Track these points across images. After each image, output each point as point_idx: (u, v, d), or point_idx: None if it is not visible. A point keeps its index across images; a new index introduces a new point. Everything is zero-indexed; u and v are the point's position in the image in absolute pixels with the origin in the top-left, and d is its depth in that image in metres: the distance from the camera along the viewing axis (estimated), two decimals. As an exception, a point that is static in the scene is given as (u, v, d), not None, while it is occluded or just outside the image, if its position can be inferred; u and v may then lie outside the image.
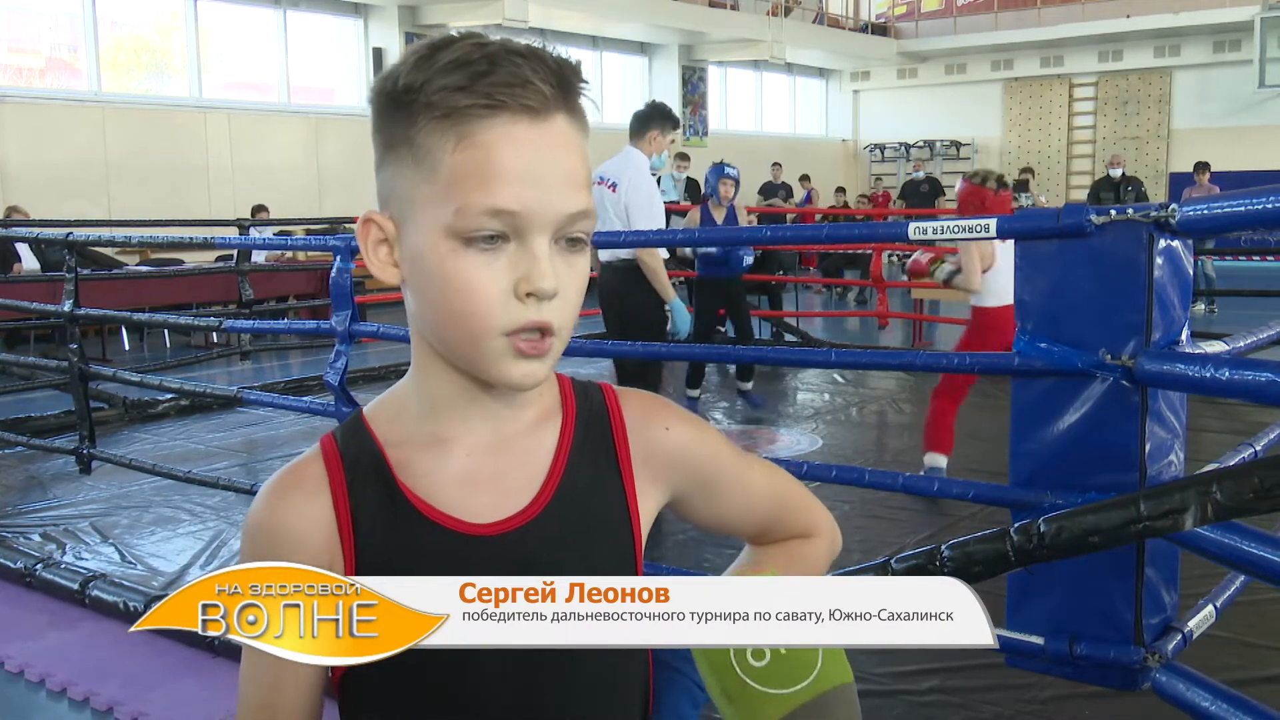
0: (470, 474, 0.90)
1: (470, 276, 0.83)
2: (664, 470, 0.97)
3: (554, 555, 0.90)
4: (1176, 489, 1.71)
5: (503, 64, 0.82)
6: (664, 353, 5.39)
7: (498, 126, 0.82)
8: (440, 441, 0.91)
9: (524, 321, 0.83)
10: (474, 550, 0.88)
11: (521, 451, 0.92)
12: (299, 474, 0.92)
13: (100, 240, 8.34)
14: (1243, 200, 1.93)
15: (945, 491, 2.68)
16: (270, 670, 0.90)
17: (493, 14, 13.64)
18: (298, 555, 0.88)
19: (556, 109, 0.84)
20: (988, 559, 1.86)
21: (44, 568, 3.90)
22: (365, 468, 0.91)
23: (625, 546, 0.94)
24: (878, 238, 6.80)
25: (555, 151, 0.84)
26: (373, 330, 3.87)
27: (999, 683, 2.90)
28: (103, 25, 12.50)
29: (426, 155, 0.83)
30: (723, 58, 19.38)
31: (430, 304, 0.86)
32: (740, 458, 1.03)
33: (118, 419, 6.72)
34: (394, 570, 0.86)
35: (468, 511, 0.89)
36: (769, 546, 1.07)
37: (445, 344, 0.87)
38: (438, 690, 0.89)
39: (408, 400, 0.93)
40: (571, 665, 0.90)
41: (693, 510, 1.02)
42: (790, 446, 5.99)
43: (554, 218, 0.83)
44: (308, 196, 13.30)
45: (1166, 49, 19.57)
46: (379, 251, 0.89)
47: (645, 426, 0.97)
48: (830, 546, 1.09)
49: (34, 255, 9.53)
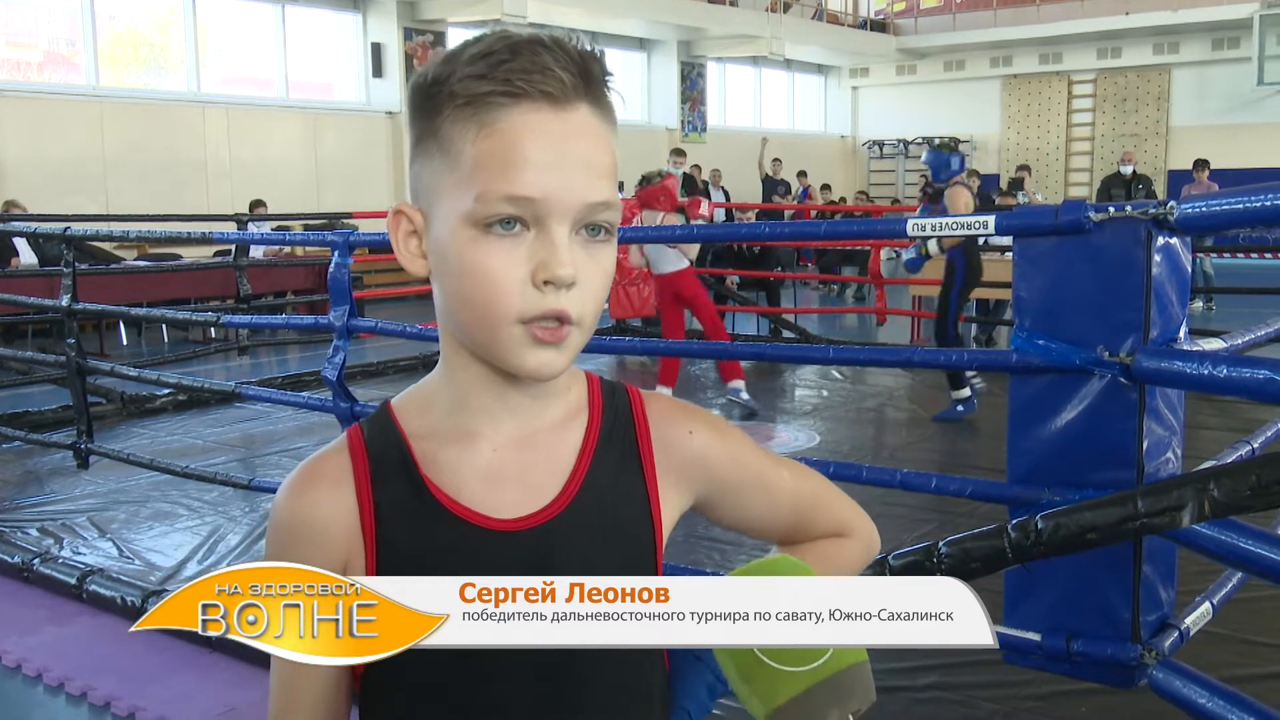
0: (495, 469, 0.90)
1: (488, 263, 0.83)
2: (686, 474, 0.97)
3: (575, 553, 0.90)
4: (1174, 486, 1.71)
5: (524, 52, 0.83)
6: (664, 349, 5.40)
7: (518, 114, 0.82)
8: (466, 436, 0.91)
9: (542, 310, 0.83)
10: (497, 546, 0.89)
11: (547, 448, 0.92)
12: (323, 466, 0.92)
13: (98, 235, 8.39)
14: (1241, 198, 1.93)
15: (943, 488, 2.68)
16: (286, 671, 0.90)
17: (491, 9, 13.62)
18: (319, 548, 0.89)
19: (579, 98, 0.84)
20: (985, 556, 1.86)
21: (41, 562, 3.90)
22: (390, 461, 0.91)
23: (646, 547, 0.94)
24: (876, 234, 6.82)
25: (577, 140, 0.84)
26: (371, 325, 3.87)
27: (996, 679, 2.91)
28: (101, 19, 12.47)
29: (450, 145, 0.84)
30: (721, 54, 19.36)
31: (451, 293, 0.86)
32: (766, 460, 1.03)
33: (115, 414, 6.71)
34: (416, 564, 0.87)
35: (491, 507, 0.89)
36: (799, 546, 1.06)
37: (466, 333, 0.87)
38: (455, 693, 0.89)
39: (435, 393, 0.93)
40: (589, 667, 0.90)
41: (718, 513, 1.02)
42: (788, 443, 5.99)
43: (574, 205, 0.83)
44: (306, 192, 13.28)
45: (1165, 46, 19.56)
46: (409, 243, 0.90)
47: (668, 430, 0.97)
48: (865, 548, 1.08)
49: (32, 250, 9.52)
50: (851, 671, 0.80)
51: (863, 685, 0.81)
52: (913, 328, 9.40)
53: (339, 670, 0.90)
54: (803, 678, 0.79)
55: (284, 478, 0.95)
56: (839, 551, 1.06)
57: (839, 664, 0.80)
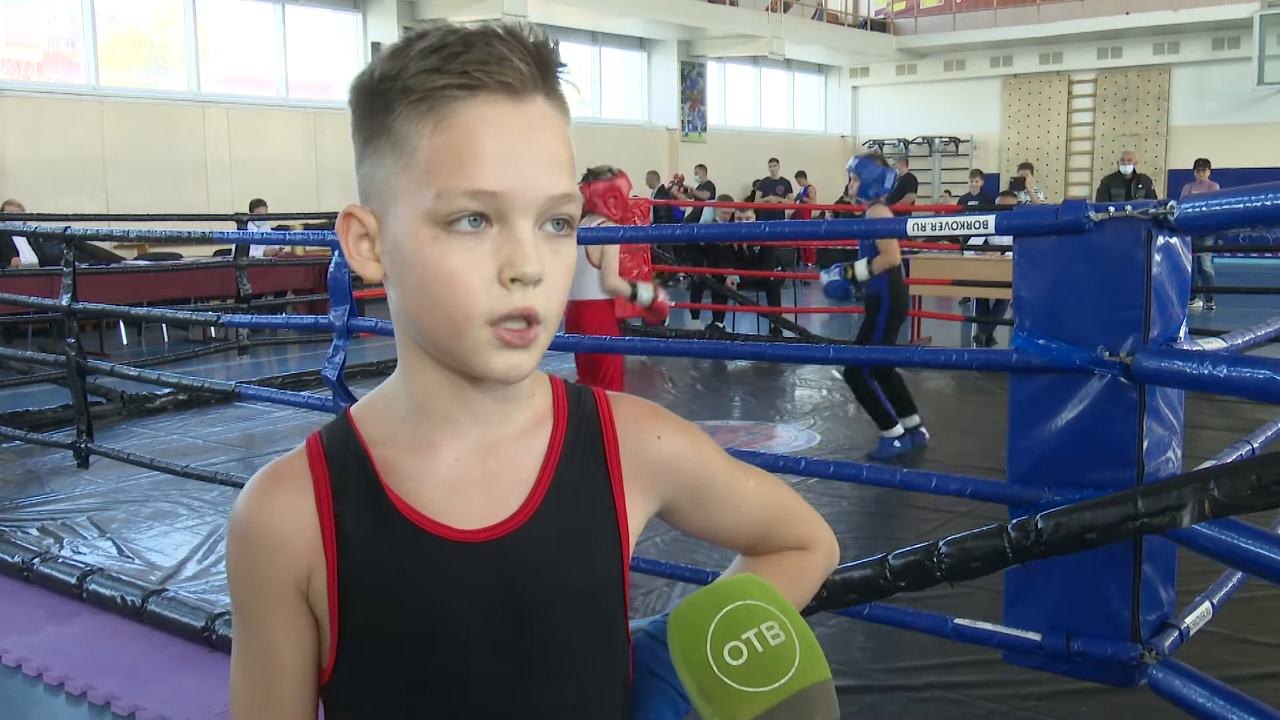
0: (458, 478, 0.88)
1: (452, 263, 0.80)
2: (654, 479, 0.96)
3: (540, 562, 0.88)
4: (1174, 486, 1.71)
5: (478, 44, 0.80)
6: (662, 348, 5.40)
7: (475, 107, 0.80)
8: (428, 444, 0.88)
9: (509, 308, 0.80)
10: (459, 557, 0.86)
11: (510, 456, 0.89)
12: (282, 473, 0.89)
13: (98, 235, 8.38)
14: (1241, 197, 1.93)
15: (943, 488, 2.68)
16: (261, 672, 0.89)
17: (492, 8, 13.61)
18: (282, 557, 0.87)
19: (535, 89, 0.82)
20: (985, 555, 1.86)
21: (41, 562, 3.90)
22: (350, 470, 0.88)
23: (612, 555, 0.92)
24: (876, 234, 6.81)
25: (536, 132, 0.81)
26: (371, 325, 3.86)
27: (996, 679, 2.91)
28: (101, 19, 12.47)
29: (404, 142, 0.81)
30: (722, 53, 19.36)
31: (412, 295, 0.83)
32: (734, 468, 1.01)
33: (115, 414, 6.72)
34: (377, 575, 0.86)
35: (454, 517, 0.87)
36: (763, 558, 1.05)
37: (428, 337, 0.84)
38: (419, 698, 0.87)
39: (395, 399, 0.90)
40: (554, 679, 0.89)
41: (684, 520, 1.00)
42: (788, 442, 5.98)
43: (537, 199, 0.81)
44: (306, 191, 13.28)
45: (1165, 46, 19.55)
46: (360, 246, 0.86)
47: (636, 434, 0.95)
48: (826, 560, 1.08)
49: (32, 249, 9.52)
50: (815, 690, 0.80)
51: (826, 703, 0.80)
52: (913, 327, 9.41)
53: (312, 671, 0.90)
54: (765, 697, 0.79)
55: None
56: (802, 563, 1.05)
57: (802, 682, 0.79)
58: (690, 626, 0.83)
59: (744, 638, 0.81)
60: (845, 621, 3.18)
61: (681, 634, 0.84)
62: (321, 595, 0.87)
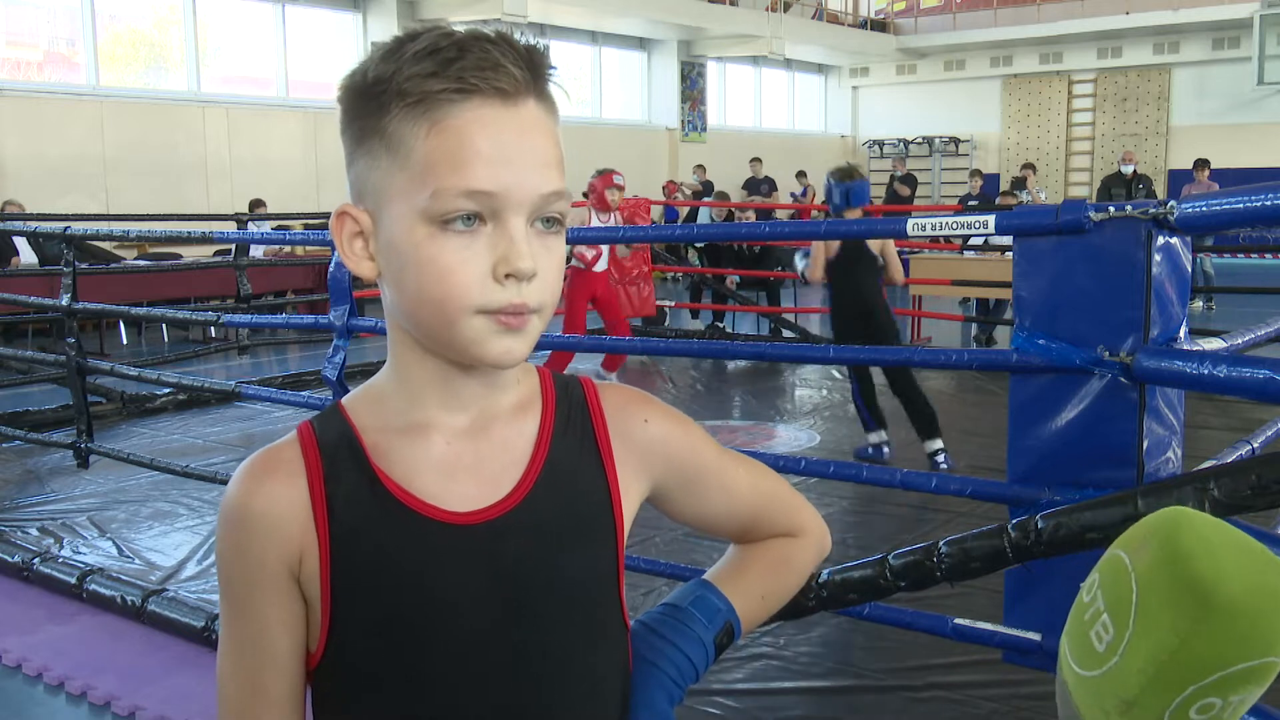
0: (450, 461, 0.89)
1: (448, 260, 0.82)
2: (644, 462, 0.97)
3: (535, 545, 0.89)
4: (1174, 485, 1.71)
5: (472, 49, 0.82)
6: (662, 348, 5.40)
7: (470, 110, 0.82)
8: (419, 428, 0.89)
9: (503, 304, 0.83)
10: (452, 539, 0.87)
11: (502, 439, 0.91)
12: (274, 458, 0.90)
13: (98, 235, 8.39)
14: (1241, 198, 1.92)
15: (943, 488, 2.68)
16: (252, 661, 0.90)
17: (492, 8, 13.62)
18: (272, 540, 0.87)
19: (527, 93, 0.84)
20: (985, 555, 1.85)
21: (41, 562, 3.90)
22: (342, 455, 0.89)
23: (607, 539, 0.93)
24: (875, 233, 6.80)
25: (528, 134, 0.84)
26: (371, 325, 3.86)
27: (996, 679, 2.91)
28: (101, 19, 12.48)
29: (399, 144, 0.83)
30: (722, 53, 19.37)
31: (408, 292, 0.85)
32: (723, 455, 1.03)
33: (115, 414, 6.71)
34: (370, 558, 0.86)
35: (447, 500, 0.88)
36: (753, 545, 1.06)
37: (424, 330, 0.86)
38: (414, 694, 0.87)
39: (385, 389, 0.92)
40: (550, 666, 0.89)
41: (674, 505, 1.02)
42: (788, 442, 5.99)
43: (530, 197, 0.83)
44: (306, 191, 13.28)
45: (1166, 46, 19.57)
46: (354, 245, 0.88)
47: (624, 419, 0.97)
48: (818, 547, 1.08)
49: (32, 249, 9.52)
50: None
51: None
52: (913, 327, 9.41)
53: (302, 665, 0.90)
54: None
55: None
56: (793, 551, 1.06)
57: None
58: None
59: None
60: (845, 621, 3.18)
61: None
62: (314, 577, 0.87)
